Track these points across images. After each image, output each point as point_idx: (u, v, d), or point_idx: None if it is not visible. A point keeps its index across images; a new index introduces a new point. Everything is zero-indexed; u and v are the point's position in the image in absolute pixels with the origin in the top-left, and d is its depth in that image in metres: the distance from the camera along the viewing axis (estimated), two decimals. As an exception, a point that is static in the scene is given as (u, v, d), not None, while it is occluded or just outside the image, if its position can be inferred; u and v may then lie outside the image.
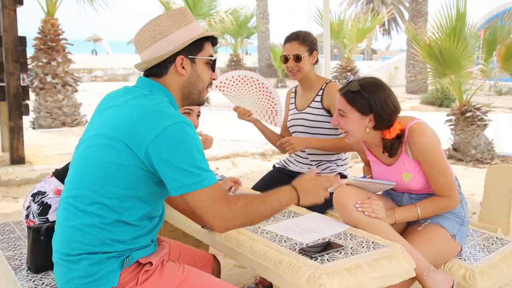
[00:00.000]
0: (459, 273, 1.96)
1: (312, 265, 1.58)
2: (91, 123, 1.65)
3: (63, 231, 1.52)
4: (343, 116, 2.06)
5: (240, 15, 15.94)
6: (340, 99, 2.06)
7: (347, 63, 13.44)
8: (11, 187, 5.09)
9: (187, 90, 1.65)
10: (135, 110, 1.48)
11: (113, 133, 1.47)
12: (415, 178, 2.08)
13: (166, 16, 1.60)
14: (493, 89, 16.65)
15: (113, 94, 1.68)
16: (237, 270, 3.09)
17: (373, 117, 2.02)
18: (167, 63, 1.60)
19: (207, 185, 1.43)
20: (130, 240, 1.53)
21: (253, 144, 7.02)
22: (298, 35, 2.76)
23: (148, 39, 1.60)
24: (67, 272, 1.50)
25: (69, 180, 1.59)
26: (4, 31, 5.28)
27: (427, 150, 2.00)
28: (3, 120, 6.01)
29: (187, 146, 1.43)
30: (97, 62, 24.98)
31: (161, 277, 1.56)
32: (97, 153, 1.50)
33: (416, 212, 2.07)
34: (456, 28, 5.96)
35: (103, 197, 1.48)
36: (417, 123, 2.04)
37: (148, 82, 1.62)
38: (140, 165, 1.46)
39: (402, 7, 34.98)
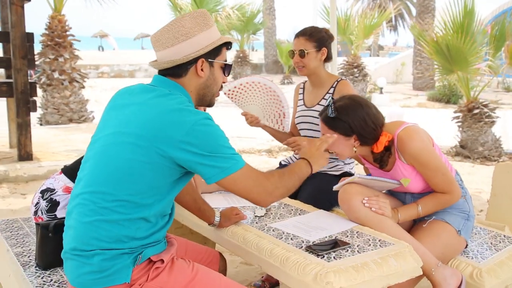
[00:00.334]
0: (466, 271, 1.96)
1: (318, 263, 1.58)
2: (106, 119, 1.66)
3: (78, 226, 1.53)
4: None
5: (246, 11, 15.94)
6: (322, 125, 2.09)
7: (353, 59, 13.38)
8: (19, 184, 5.12)
9: (202, 92, 1.70)
10: (160, 109, 1.52)
11: (138, 132, 1.50)
12: (413, 181, 2.08)
13: (190, 18, 1.63)
14: (501, 85, 16.53)
15: (127, 91, 1.69)
16: (244, 267, 3.10)
17: (357, 137, 2.05)
18: (188, 64, 1.64)
19: (242, 166, 1.54)
20: (144, 237, 1.55)
21: (259, 141, 7.02)
22: (305, 31, 2.76)
23: (171, 39, 1.62)
24: (79, 266, 1.51)
25: (85, 175, 1.58)
26: (12, 27, 5.31)
27: (419, 154, 2.01)
28: (11, 116, 6.05)
29: (215, 136, 1.52)
30: (104, 58, 25.03)
31: (171, 274, 1.57)
32: (121, 151, 1.52)
33: (417, 210, 2.07)
34: (464, 24, 5.92)
35: (125, 194, 1.50)
36: (404, 129, 2.04)
37: (166, 82, 1.65)
38: (167, 162, 1.50)
39: (409, 3, 34.74)
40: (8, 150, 6.12)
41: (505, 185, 2.39)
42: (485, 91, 7.15)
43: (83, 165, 1.64)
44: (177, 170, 1.54)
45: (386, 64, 21.35)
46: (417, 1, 17.13)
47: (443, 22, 6.22)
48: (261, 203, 1.63)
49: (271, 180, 1.61)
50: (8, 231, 2.28)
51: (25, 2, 5.38)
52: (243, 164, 1.55)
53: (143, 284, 1.53)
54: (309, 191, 2.61)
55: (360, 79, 13.32)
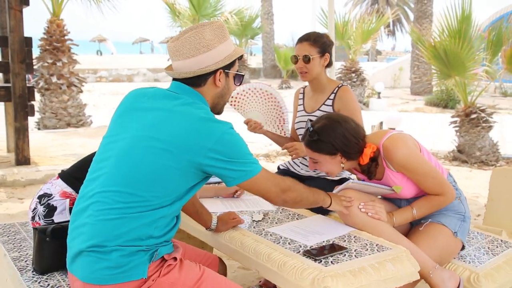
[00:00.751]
0: (463, 275, 1.96)
1: (316, 267, 1.58)
2: (125, 120, 1.68)
3: (97, 223, 1.55)
4: (316, 163, 2.11)
5: (244, 16, 15.97)
6: (307, 149, 2.11)
7: (351, 64, 13.42)
8: (16, 188, 5.11)
9: (217, 101, 1.78)
10: (189, 118, 1.60)
11: (169, 139, 1.57)
12: (405, 188, 2.09)
13: (210, 30, 1.69)
14: (498, 90, 16.59)
15: (145, 94, 1.72)
16: (241, 272, 3.09)
17: (341, 154, 2.07)
18: (207, 75, 1.71)
19: (260, 169, 1.68)
20: (160, 235, 1.61)
21: (257, 145, 7.02)
22: (309, 36, 2.75)
23: (192, 50, 1.67)
24: (96, 262, 1.52)
25: (104, 174, 1.60)
26: (10, 31, 5.32)
27: (406, 161, 2.02)
28: (9, 120, 6.04)
29: (240, 145, 1.64)
30: (102, 62, 25.06)
31: (181, 271, 1.63)
32: (150, 155, 1.57)
33: (412, 213, 2.08)
34: (461, 30, 5.94)
35: (151, 196, 1.56)
36: (388, 138, 2.05)
37: (188, 90, 1.71)
38: (194, 168, 1.59)
39: (407, 8, 34.91)
40: (6, 155, 6.11)
41: (502, 190, 2.40)
42: (482, 96, 7.17)
43: (99, 164, 1.65)
44: (200, 175, 1.63)
45: (384, 69, 21.42)
46: (415, 6, 17.20)
47: (440, 27, 6.24)
48: (276, 201, 1.75)
49: (286, 181, 1.76)
50: (5, 235, 2.27)
51: (23, 6, 5.39)
52: (261, 168, 1.68)
53: (156, 280, 1.58)
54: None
55: (358, 84, 13.35)
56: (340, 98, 2.72)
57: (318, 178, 2.79)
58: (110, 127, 1.72)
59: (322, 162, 2.08)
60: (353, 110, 2.71)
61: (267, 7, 23.20)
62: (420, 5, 16.54)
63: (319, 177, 2.79)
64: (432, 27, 13.46)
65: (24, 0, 5.37)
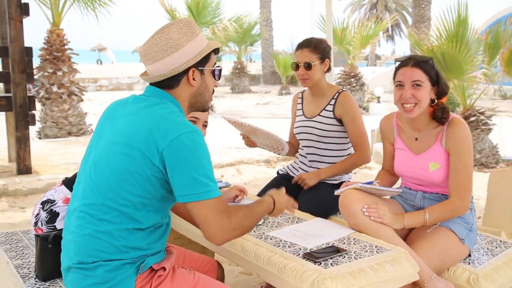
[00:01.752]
0: (463, 276, 1.97)
1: (316, 269, 1.59)
2: (100, 131, 1.67)
3: (78, 239, 1.54)
4: (419, 87, 2.09)
5: (243, 23, 16.05)
6: (415, 70, 2.10)
7: (350, 69, 13.45)
8: (18, 197, 5.12)
9: (194, 100, 1.70)
10: (149, 118, 1.53)
11: (128, 141, 1.51)
12: (441, 169, 2.12)
13: (176, 29, 1.62)
14: (497, 93, 16.61)
15: (120, 102, 1.70)
16: (243, 277, 3.10)
17: (437, 88, 2.12)
18: (179, 75, 1.64)
19: (213, 196, 1.48)
20: (143, 246, 1.56)
21: (257, 151, 7.03)
22: (310, 42, 2.75)
23: (159, 52, 1.61)
24: (83, 279, 1.52)
25: (81, 188, 1.60)
26: (11, 42, 5.35)
27: (463, 142, 2.08)
28: (10, 130, 6.07)
29: (198, 155, 1.48)
30: (102, 71, 25.12)
31: (173, 282, 1.59)
32: (113, 161, 1.52)
33: (424, 217, 2.08)
34: (458, 33, 5.97)
35: (119, 205, 1.51)
36: (457, 116, 2.14)
37: (158, 92, 1.65)
38: (155, 172, 1.50)
39: (405, 13, 35.02)
40: (7, 164, 6.13)
41: (501, 191, 2.42)
42: (482, 99, 7.19)
43: (79, 178, 1.65)
44: (165, 181, 1.52)
45: (383, 74, 21.41)
46: (413, 10, 17.28)
47: (437, 31, 6.27)
48: (213, 240, 1.52)
49: (232, 219, 1.53)
50: (8, 243, 2.29)
51: (23, 16, 5.43)
52: (214, 195, 1.49)
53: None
54: (307, 200, 2.63)
55: (357, 88, 13.38)
56: (341, 104, 2.74)
57: (319, 182, 2.80)
58: (90, 141, 1.70)
59: (424, 88, 2.09)
60: (354, 115, 2.73)
61: (266, 14, 23.30)
62: (418, 9, 16.62)
63: (319, 182, 2.80)
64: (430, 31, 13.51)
65: (24, 11, 5.41)
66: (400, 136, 2.28)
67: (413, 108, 2.11)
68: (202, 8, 12.29)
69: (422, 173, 2.16)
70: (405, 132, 2.26)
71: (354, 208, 2.01)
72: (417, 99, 2.09)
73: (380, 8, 34.86)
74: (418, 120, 2.18)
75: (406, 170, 2.22)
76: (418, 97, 2.09)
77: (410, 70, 2.10)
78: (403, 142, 2.26)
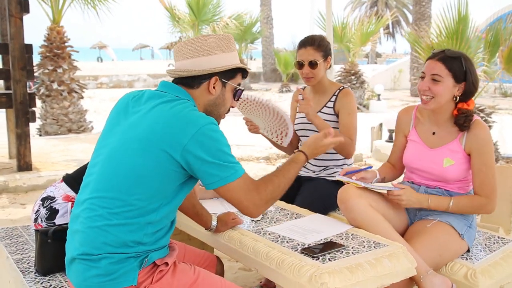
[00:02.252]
0: (460, 272, 1.97)
1: (313, 264, 1.61)
2: (113, 124, 1.69)
3: (86, 231, 1.55)
4: (437, 81, 2.09)
5: (244, 21, 16.03)
6: (437, 64, 2.10)
7: (351, 66, 13.46)
8: (18, 194, 5.14)
9: (210, 109, 1.74)
10: (167, 114, 1.57)
11: (146, 137, 1.54)
12: (455, 166, 2.13)
13: (215, 38, 1.71)
14: (498, 91, 16.61)
15: (135, 96, 1.71)
16: (242, 273, 3.11)
17: (464, 87, 2.10)
18: (202, 78, 1.69)
19: (239, 176, 1.58)
20: (150, 242, 1.58)
21: (257, 149, 7.05)
22: (313, 40, 2.70)
23: (192, 51, 1.68)
24: (86, 270, 1.53)
25: (93, 180, 1.61)
26: (11, 39, 5.36)
27: (486, 144, 2.08)
28: (10, 127, 6.08)
29: (219, 143, 1.56)
30: (103, 69, 25.13)
31: (174, 276, 1.61)
32: (130, 157, 1.55)
33: (448, 203, 2.10)
34: (458, 30, 5.97)
35: (133, 199, 1.53)
36: (479, 118, 2.14)
37: (173, 87, 1.70)
38: (174, 166, 1.54)
39: (406, 10, 34.98)
40: (8, 161, 6.14)
41: (499, 187, 2.40)
42: (483, 97, 7.20)
43: (90, 170, 1.66)
44: (183, 174, 1.58)
45: (384, 71, 21.45)
46: (414, 8, 17.26)
47: (437, 29, 6.27)
48: (249, 215, 1.66)
49: (262, 194, 1.64)
50: (8, 239, 2.30)
51: (24, 14, 5.44)
52: (240, 174, 1.59)
53: (148, 286, 1.57)
54: (305, 196, 2.64)
55: (357, 86, 13.39)
56: (341, 100, 2.73)
57: (318, 178, 2.80)
58: (102, 133, 1.73)
59: (443, 83, 2.08)
60: (351, 110, 2.72)
61: (266, 12, 23.27)
62: (419, 7, 16.60)
63: (318, 178, 2.81)
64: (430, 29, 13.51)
65: (25, 8, 5.42)
66: (416, 129, 2.28)
67: (429, 101, 2.12)
68: (202, 6, 12.28)
69: (434, 167, 2.17)
70: (422, 125, 2.25)
71: (352, 203, 2.02)
72: (433, 93, 2.10)
73: (381, 6, 34.81)
74: (438, 114, 2.18)
75: (416, 162, 2.22)
76: (434, 91, 2.09)
77: (433, 63, 2.11)
78: (418, 135, 2.26)
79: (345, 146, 2.66)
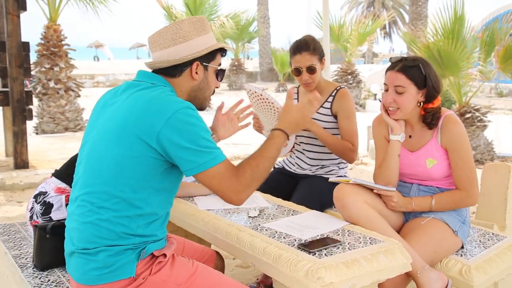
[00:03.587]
0: (455, 268, 2.00)
1: (310, 259, 1.62)
2: (93, 120, 1.70)
3: (80, 227, 1.57)
4: (401, 93, 2.10)
5: (241, 20, 16.04)
6: (398, 75, 2.09)
7: (347, 66, 13.50)
8: (15, 191, 5.14)
9: (194, 94, 1.73)
10: (141, 100, 1.56)
11: (122, 126, 1.53)
12: (438, 165, 2.14)
13: (188, 22, 1.69)
14: (493, 91, 16.68)
15: (113, 90, 1.73)
16: (239, 270, 3.13)
17: (425, 92, 2.10)
18: (183, 66, 1.68)
19: (218, 162, 1.54)
20: (145, 234, 1.59)
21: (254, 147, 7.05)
22: (307, 44, 2.63)
23: (168, 40, 1.67)
24: (85, 263, 1.55)
25: (80, 177, 1.62)
26: (8, 36, 5.36)
27: (460, 139, 2.09)
28: (7, 125, 6.07)
29: (196, 128, 1.52)
30: (99, 68, 25.09)
31: (172, 268, 1.62)
32: (109, 148, 1.55)
33: (431, 203, 2.13)
34: (454, 30, 6.01)
35: (118, 191, 1.53)
36: (452, 113, 2.15)
37: (150, 75, 1.69)
38: (151, 153, 1.52)
39: (402, 10, 35.06)
40: (5, 159, 6.13)
41: (493, 185, 2.44)
42: (478, 97, 7.24)
43: (77, 168, 1.67)
44: (163, 161, 1.55)
45: (381, 71, 21.40)
46: (410, 8, 17.30)
47: (434, 28, 6.31)
48: (231, 202, 1.62)
49: (242, 179, 1.59)
50: (6, 234, 2.31)
51: (21, 11, 5.43)
52: (220, 160, 1.55)
53: (147, 278, 1.57)
54: (302, 193, 2.65)
55: (354, 85, 13.43)
56: (339, 100, 2.71)
57: (314, 176, 2.82)
58: (85, 130, 1.73)
59: (406, 93, 2.08)
60: (350, 112, 2.70)
61: (264, 11, 23.28)
62: (415, 7, 16.64)
63: (315, 176, 2.82)
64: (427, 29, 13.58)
65: (22, 5, 5.42)
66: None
67: (395, 111, 2.14)
68: (199, 5, 12.30)
69: (419, 169, 2.19)
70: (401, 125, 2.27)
71: (348, 200, 2.03)
72: (399, 105, 2.11)
73: (377, 6, 34.89)
74: (409, 119, 2.20)
75: (402, 168, 2.23)
76: (400, 103, 2.11)
77: (394, 75, 2.10)
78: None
79: (347, 151, 2.67)
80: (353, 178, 2.13)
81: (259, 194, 2.44)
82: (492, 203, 2.44)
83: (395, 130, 2.17)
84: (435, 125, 2.15)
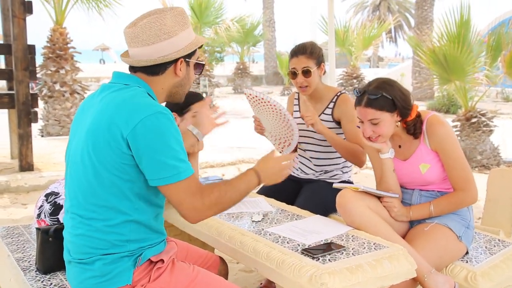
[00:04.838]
0: (461, 274, 1.98)
1: (314, 265, 1.61)
2: (74, 128, 1.65)
3: (72, 239, 1.56)
4: (376, 124, 2.09)
5: (246, 23, 16.07)
6: (367, 110, 2.08)
7: (353, 70, 13.48)
8: (20, 194, 5.15)
9: (175, 90, 1.68)
10: (111, 105, 1.50)
11: (94, 134, 1.49)
12: (432, 168, 2.13)
13: (170, 16, 1.60)
14: (500, 95, 16.61)
15: (91, 94, 1.68)
16: (242, 275, 3.12)
17: (399, 111, 2.09)
18: (167, 63, 1.62)
19: (183, 178, 1.47)
20: (140, 239, 1.56)
21: (258, 151, 7.04)
22: (305, 48, 2.64)
23: (152, 36, 1.57)
24: (82, 272, 1.54)
25: (66, 189, 1.62)
26: (14, 39, 5.38)
27: (446, 139, 2.08)
28: (12, 127, 6.10)
29: (164, 137, 1.45)
30: (105, 71, 25.19)
31: (172, 274, 1.60)
32: (85, 158, 1.50)
33: (429, 209, 2.12)
34: (460, 34, 5.98)
35: (102, 200, 1.50)
36: (434, 115, 2.14)
37: (123, 76, 1.63)
38: (126, 160, 1.47)
39: (408, 14, 35.03)
40: (10, 161, 6.16)
41: (500, 191, 2.42)
42: (484, 101, 7.21)
43: (65, 178, 1.66)
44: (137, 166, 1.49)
45: (386, 75, 21.41)
46: (416, 12, 17.27)
47: (439, 33, 6.29)
48: (187, 219, 1.54)
49: (206, 200, 1.51)
50: (9, 237, 2.31)
51: (27, 14, 5.46)
52: (184, 176, 1.47)
53: (146, 285, 1.55)
54: (306, 197, 2.64)
55: (359, 89, 13.39)
56: (340, 106, 2.69)
57: (318, 181, 2.80)
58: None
59: (381, 122, 2.08)
60: (353, 117, 2.69)
61: (269, 15, 23.32)
62: (421, 11, 16.61)
63: (319, 180, 2.80)
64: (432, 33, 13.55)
65: (28, 9, 5.45)
66: None
67: (377, 138, 2.13)
68: (204, 9, 12.32)
69: (415, 176, 2.19)
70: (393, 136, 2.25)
71: (350, 206, 2.02)
72: (379, 133, 2.11)
73: (383, 10, 34.87)
74: (394, 132, 2.19)
75: (399, 177, 2.23)
76: (379, 132, 2.11)
77: (364, 110, 2.10)
78: None
79: (359, 154, 2.65)
80: (363, 186, 2.10)
81: (263, 199, 2.43)
82: (498, 209, 2.42)
83: (383, 149, 2.17)
84: (419, 132, 2.14)
